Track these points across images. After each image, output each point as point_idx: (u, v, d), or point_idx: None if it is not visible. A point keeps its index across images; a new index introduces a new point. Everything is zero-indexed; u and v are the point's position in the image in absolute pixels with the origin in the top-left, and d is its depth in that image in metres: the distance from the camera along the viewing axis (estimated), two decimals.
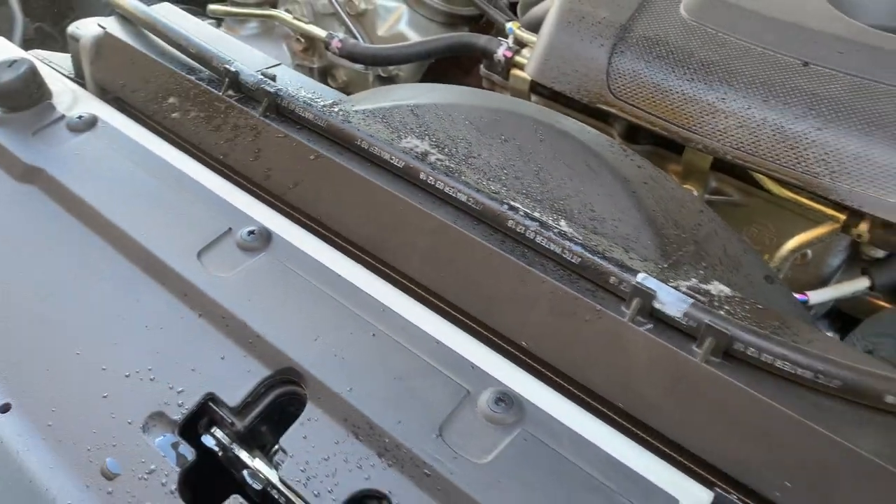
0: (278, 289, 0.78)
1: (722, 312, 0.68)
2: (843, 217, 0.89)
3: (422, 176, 0.78)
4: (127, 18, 1.03)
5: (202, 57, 0.94)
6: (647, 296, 0.66)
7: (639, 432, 0.66)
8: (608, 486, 0.62)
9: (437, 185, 0.77)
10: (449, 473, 0.64)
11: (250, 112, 0.89)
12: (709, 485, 0.61)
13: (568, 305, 0.70)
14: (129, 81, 1.00)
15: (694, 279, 0.73)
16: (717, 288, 0.72)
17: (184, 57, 0.99)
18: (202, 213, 0.85)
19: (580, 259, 0.70)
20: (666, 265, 0.74)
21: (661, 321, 0.67)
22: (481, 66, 1.20)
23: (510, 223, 0.74)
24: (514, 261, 0.73)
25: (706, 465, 0.63)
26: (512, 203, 0.75)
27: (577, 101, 1.01)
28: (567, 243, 0.71)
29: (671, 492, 0.61)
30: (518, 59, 1.11)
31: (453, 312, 0.75)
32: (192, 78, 0.96)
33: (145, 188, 0.89)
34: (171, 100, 0.96)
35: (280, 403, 0.72)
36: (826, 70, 0.88)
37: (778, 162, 0.86)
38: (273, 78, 0.90)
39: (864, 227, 0.87)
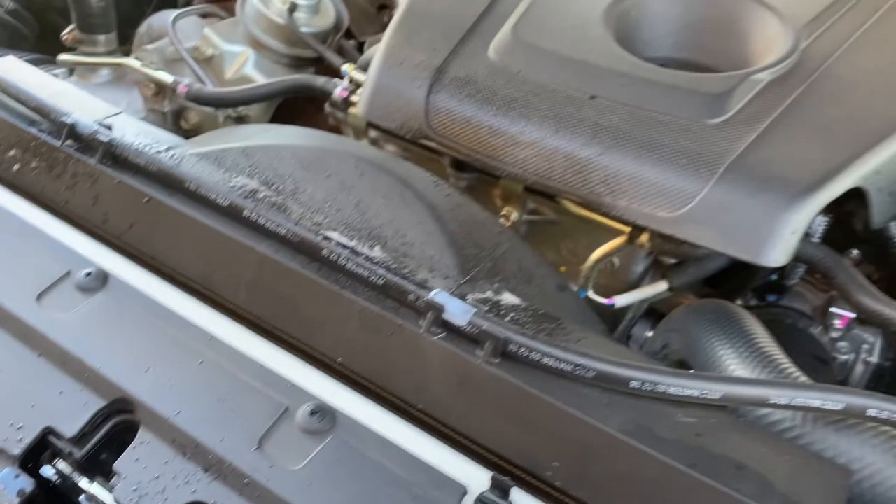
0: (114, 325, 0.84)
1: (507, 320, 0.78)
2: (628, 230, 1.01)
3: (245, 213, 0.86)
4: None
5: (41, 110, 0.99)
6: (438, 309, 0.76)
7: (437, 428, 0.75)
8: (407, 479, 0.71)
9: (259, 222, 0.85)
10: (266, 481, 0.71)
11: (87, 160, 0.95)
12: (492, 468, 0.71)
13: (374, 322, 0.79)
14: None
15: (488, 292, 0.83)
16: (506, 298, 0.82)
17: (26, 110, 1.03)
18: (42, 258, 0.90)
19: (384, 280, 0.79)
20: (463, 281, 0.84)
21: (452, 330, 0.76)
22: (326, 104, 1.29)
23: (324, 252, 0.82)
24: (328, 286, 0.81)
25: (491, 452, 0.73)
26: (326, 234, 0.84)
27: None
28: (373, 267, 0.80)
29: (460, 478, 0.71)
30: (354, 98, 1.21)
31: (277, 336, 0.83)
32: (33, 130, 1.00)
33: None
34: (13, 152, 1.00)
35: (117, 431, 0.78)
36: (609, 102, 1.00)
37: (569, 185, 0.98)
38: (109, 127, 0.96)
39: (644, 237, 1.00)
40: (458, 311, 0.76)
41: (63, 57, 1.34)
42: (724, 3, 1.15)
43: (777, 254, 0.89)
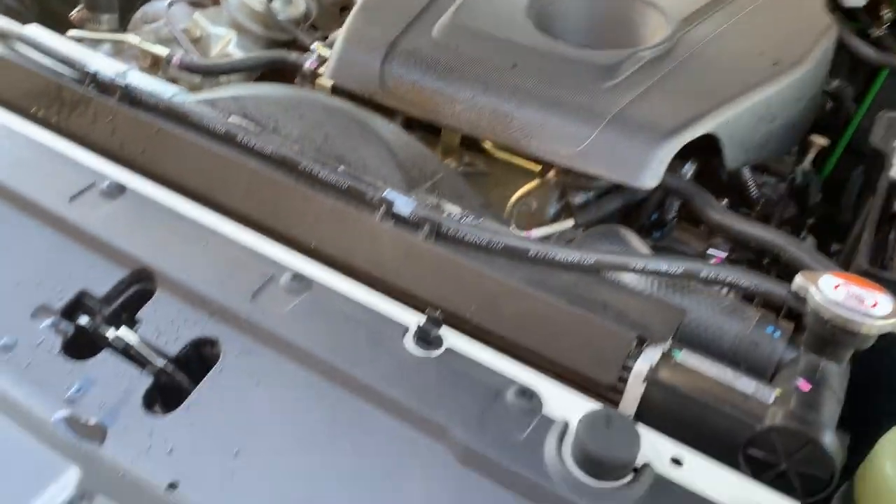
0: (132, 220, 1.06)
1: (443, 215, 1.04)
2: (539, 168, 1.28)
3: (238, 138, 1.10)
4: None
5: (67, 61, 1.22)
6: (389, 203, 1.01)
7: (388, 288, 0.99)
8: (364, 320, 0.95)
9: (249, 144, 1.09)
10: (258, 321, 0.94)
11: (107, 101, 1.18)
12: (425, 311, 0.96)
13: (341, 215, 1.03)
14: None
15: (429, 200, 1.09)
16: (445, 205, 1.08)
17: (49, 64, 1.25)
18: (71, 174, 1.12)
19: (348, 185, 1.04)
20: (409, 193, 1.09)
21: (401, 220, 1.01)
22: (297, 77, 1.54)
23: (301, 166, 1.07)
24: (306, 190, 1.06)
25: (427, 301, 0.97)
26: (302, 153, 1.09)
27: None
28: (339, 175, 1.05)
29: (404, 320, 0.95)
30: (321, 70, 1.46)
31: (264, 228, 1.07)
32: (58, 80, 1.23)
33: (14, 158, 1.15)
34: (41, 98, 1.22)
35: (138, 293, 1.00)
36: (526, 69, 1.28)
37: (494, 132, 1.25)
38: (125, 75, 1.20)
39: (552, 173, 1.27)
40: (404, 205, 1.01)
41: (72, 33, 1.56)
42: (620, 2, 1.45)
43: (648, 178, 1.16)
